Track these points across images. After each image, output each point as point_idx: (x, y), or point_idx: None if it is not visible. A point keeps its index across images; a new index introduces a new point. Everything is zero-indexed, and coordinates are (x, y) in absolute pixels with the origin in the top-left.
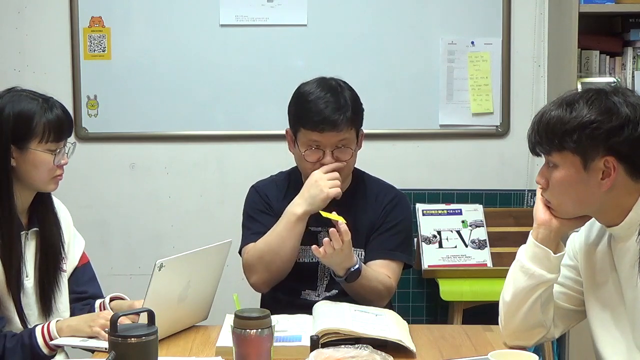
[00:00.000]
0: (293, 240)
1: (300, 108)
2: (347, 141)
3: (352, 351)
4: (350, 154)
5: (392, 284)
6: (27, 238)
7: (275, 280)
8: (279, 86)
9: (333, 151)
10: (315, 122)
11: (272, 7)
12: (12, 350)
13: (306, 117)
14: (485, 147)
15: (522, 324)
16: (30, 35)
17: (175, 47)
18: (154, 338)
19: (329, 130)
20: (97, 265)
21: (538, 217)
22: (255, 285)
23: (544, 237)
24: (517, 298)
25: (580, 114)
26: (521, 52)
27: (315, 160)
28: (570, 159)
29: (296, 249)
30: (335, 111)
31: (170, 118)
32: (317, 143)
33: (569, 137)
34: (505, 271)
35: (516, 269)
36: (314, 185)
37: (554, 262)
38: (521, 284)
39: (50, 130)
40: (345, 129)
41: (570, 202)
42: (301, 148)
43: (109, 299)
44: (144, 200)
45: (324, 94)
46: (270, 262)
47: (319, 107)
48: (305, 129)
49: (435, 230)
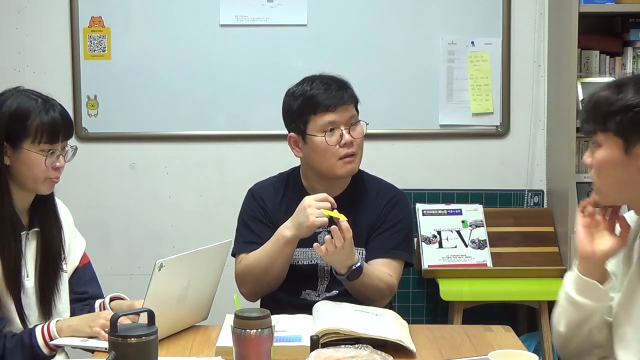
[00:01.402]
0: (281, 260)
1: (303, 100)
2: (355, 118)
3: (352, 351)
4: (362, 130)
5: (393, 282)
6: (28, 238)
7: (264, 293)
8: (279, 86)
9: (349, 129)
10: (325, 102)
11: (272, 7)
12: (12, 350)
13: (315, 103)
14: (485, 147)
15: (579, 349)
16: (30, 35)
17: (175, 47)
18: (154, 338)
19: (340, 105)
20: (97, 265)
21: (581, 250)
22: (245, 295)
23: (588, 270)
24: (571, 329)
25: (626, 97)
26: (521, 52)
27: (335, 142)
28: (612, 140)
29: (285, 267)
30: (339, 88)
31: (170, 118)
32: (333, 124)
33: (612, 118)
34: (505, 271)
35: (566, 302)
36: (303, 211)
37: (603, 292)
38: (573, 317)
39: (44, 132)
40: (352, 105)
41: (610, 185)
42: (318, 134)
43: (109, 299)
44: (144, 200)
45: (319, 80)
46: (259, 278)
47: (322, 89)
48: (316, 115)
49: (435, 230)
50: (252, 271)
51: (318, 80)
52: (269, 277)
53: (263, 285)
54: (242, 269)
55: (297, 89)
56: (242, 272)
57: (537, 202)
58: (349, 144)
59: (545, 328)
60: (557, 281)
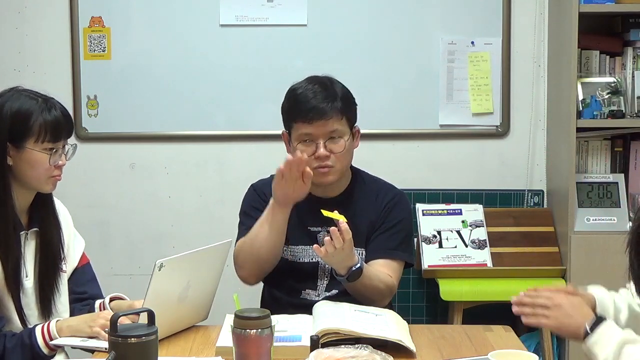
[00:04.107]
0: (268, 226)
1: (291, 104)
2: (338, 132)
3: (352, 351)
4: (343, 146)
5: (393, 283)
6: (27, 238)
7: (259, 272)
8: (279, 86)
9: (326, 143)
10: (304, 113)
11: (272, 7)
12: (12, 350)
13: (296, 110)
14: (485, 147)
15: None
16: (30, 35)
17: (175, 47)
18: (154, 338)
19: (318, 119)
20: (97, 265)
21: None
22: (242, 278)
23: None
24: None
25: None
26: (521, 52)
27: (310, 154)
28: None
29: (276, 239)
30: (323, 100)
31: (170, 118)
32: (309, 136)
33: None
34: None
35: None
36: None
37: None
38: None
39: (47, 130)
40: (335, 118)
41: None
42: (294, 143)
43: (109, 299)
44: (144, 200)
45: (312, 86)
46: (249, 253)
47: (307, 98)
48: (296, 123)
49: (435, 230)
50: (243, 246)
51: (310, 87)
52: (258, 245)
53: (257, 263)
54: (237, 247)
55: (293, 87)
56: (236, 252)
57: (537, 202)
58: (322, 157)
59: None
60: (557, 281)
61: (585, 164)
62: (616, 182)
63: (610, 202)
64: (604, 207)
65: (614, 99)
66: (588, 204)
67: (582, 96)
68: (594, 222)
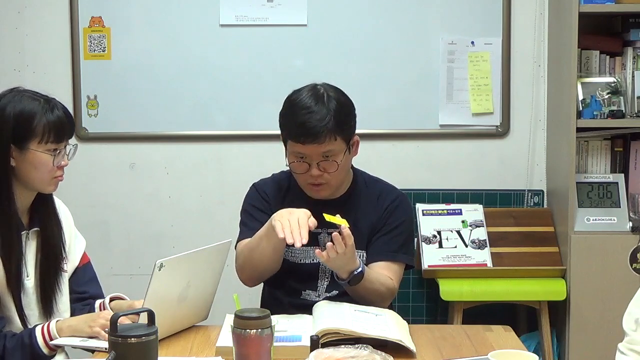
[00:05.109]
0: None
1: (285, 120)
2: (332, 152)
3: (352, 351)
4: (336, 167)
5: (394, 286)
6: (28, 238)
7: (258, 278)
8: (279, 86)
9: (319, 163)
10: (296, 135)
11: (272, 7)
12: (12, 350)
13: (290, 129)
14: (485, 147)
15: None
16: (30, 35)
17: (175, 47)
18: (154, 338)
19: (311, 142)
20: (97, 265)
21: None
22: (241, 280)
23: None
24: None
25: None
26: (521, 52)
27: (303, 172)
28: None
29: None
30: (317, 121)
31: (170, 118)
32: (301, 155)
33: None
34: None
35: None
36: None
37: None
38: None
39: (51, 131)
40: (328, 140)
41: None
42: (288, 157)
43: (109, 299)
44: (144, 200)
45: (307, 105)
46: (248, 261)
47: (301, 120)
48: (290, 141)
49: (435, 230)
50: (243, 251)
51: (306, 102)
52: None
53: (256, 271)
54: (238, 249)
55: (291, 100)
56: (237, 252)
57: (537, 202)
58: (315, 177)
59: (545, 328)
60: (557, 281)
61: (585, 164)
62: (616, 182)
63: (610, 202)
64: (604, 207)
65: (614, 99)
66: (588, 204)
67: (582, 96)
68: (594, 222)
